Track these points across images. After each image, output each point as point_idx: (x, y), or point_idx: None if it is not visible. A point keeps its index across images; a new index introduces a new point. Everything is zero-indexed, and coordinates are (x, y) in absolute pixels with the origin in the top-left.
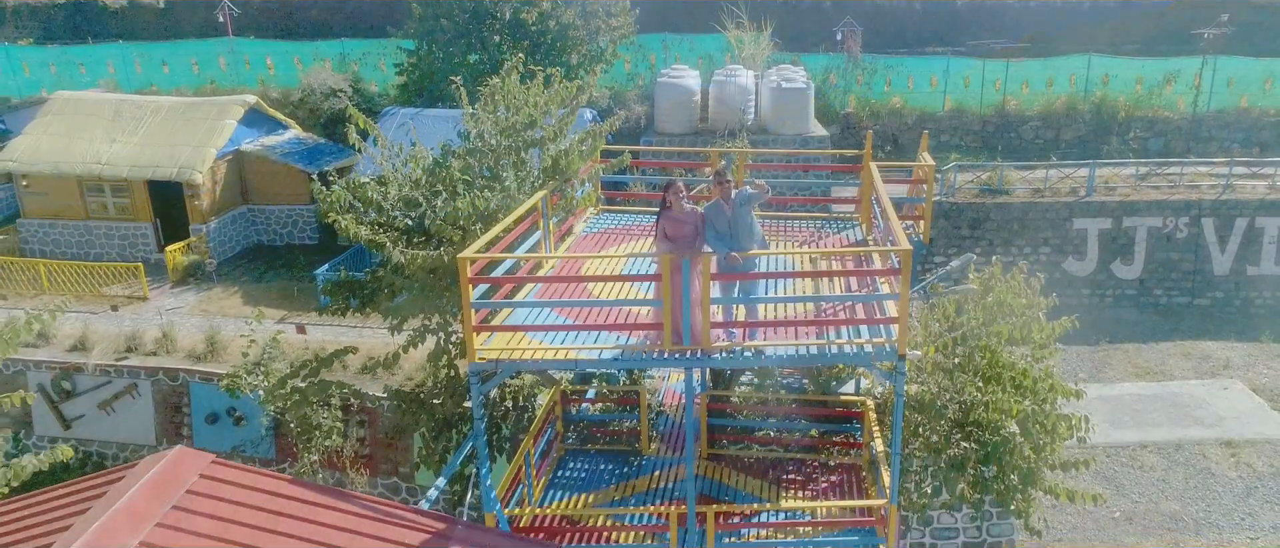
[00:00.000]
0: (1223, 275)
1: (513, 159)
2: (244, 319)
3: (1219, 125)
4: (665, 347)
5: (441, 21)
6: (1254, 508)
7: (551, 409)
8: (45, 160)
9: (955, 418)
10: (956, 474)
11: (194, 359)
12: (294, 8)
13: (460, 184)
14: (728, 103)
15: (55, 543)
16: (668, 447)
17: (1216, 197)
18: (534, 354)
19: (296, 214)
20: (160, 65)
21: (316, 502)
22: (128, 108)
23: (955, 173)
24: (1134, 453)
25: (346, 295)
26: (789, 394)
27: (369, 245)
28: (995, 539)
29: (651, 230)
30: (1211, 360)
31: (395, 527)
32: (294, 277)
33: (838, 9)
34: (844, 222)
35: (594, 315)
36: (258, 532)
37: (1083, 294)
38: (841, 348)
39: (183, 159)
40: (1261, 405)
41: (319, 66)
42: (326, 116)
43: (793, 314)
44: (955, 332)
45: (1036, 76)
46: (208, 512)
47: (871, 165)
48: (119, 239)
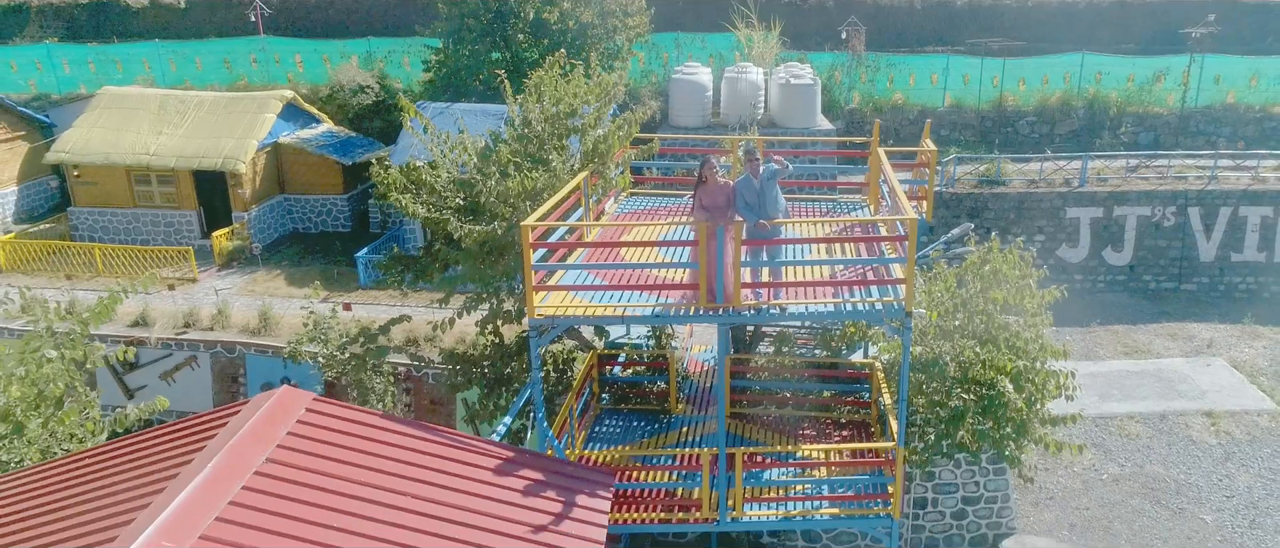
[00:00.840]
0: (1208, 262)
1: (554, 144)
2: (288, 298)
3: (1207, 120)
4: (701, 304)
5: (468, 21)
6: (1231, 471)
7: (588, 372)
8: (96, 152)
9: (955, 375)
10: (957, 425)
11: (249, 333)
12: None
13: (510, 166)
14: (739, 98)
15: (195, 458)
16: (693, 407)
17: (1202, 187)
18: (585, 312)
19: (330, 203)
20: (193, 62)
21: (406, 432)
22: (172, 102)
23: (955, 165)
24: (1121, 423)
25: (402, 270)
26: (804, 359)
27: (425, 222)
28: (991, 493)
29: (677, 211)
30: (1196, 341)
31: (475, 453)
32: (331, 261)
33: (841, 8)
34: (853, 203)
35: (636, 278)
36: (358, 453)
37: (1075, 279)
38: (856, 306)
39: (227, 151)
40: (1241, 380)
41: (346, 64)
42: (354, 112)
43: (813, 277)
44: (955, 298)
45: (1032, 74)
46: (316, 437)
47: (879, 151)
48: (164, 226)
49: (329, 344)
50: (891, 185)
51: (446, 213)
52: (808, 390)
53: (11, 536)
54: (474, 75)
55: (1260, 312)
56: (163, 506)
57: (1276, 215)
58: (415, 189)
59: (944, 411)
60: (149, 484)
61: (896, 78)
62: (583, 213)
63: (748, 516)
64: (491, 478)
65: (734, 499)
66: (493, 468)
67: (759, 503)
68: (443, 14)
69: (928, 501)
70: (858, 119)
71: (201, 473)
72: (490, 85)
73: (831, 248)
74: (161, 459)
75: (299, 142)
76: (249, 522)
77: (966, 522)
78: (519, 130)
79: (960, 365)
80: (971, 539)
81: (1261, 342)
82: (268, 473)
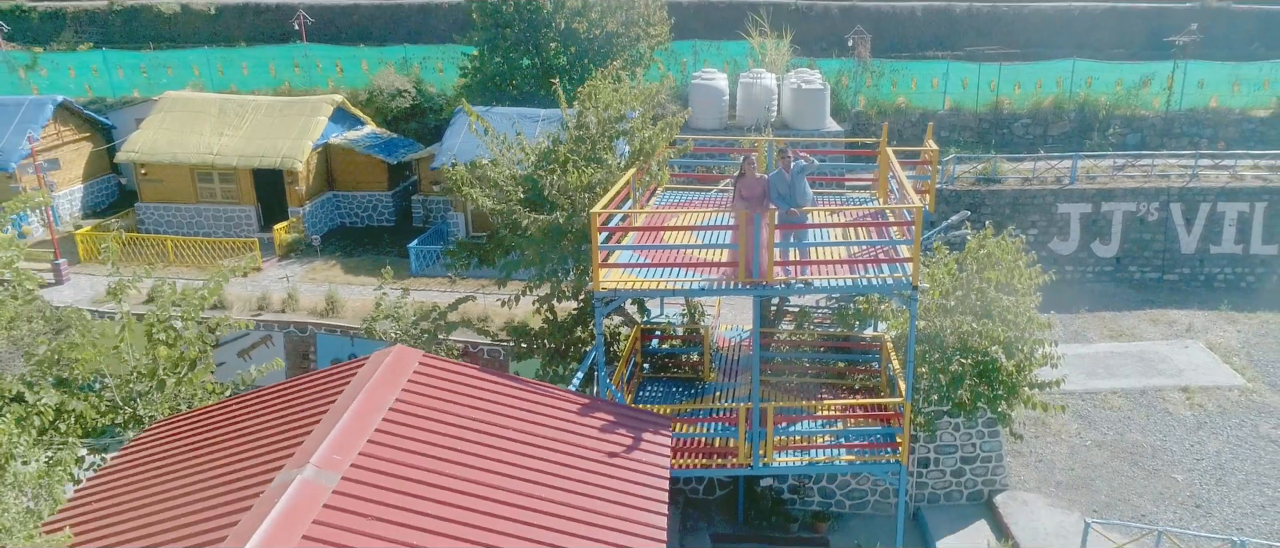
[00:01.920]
0: (1188, 254)
1: (604, 145)
2: (345, 284)
3: (1190, 122)
4: (740, 279)
5: (504, 31)
6: (1202, 438)
7: (633, 344)
8: (163, 152)
9: (955, 346)
10: (956, 386)
11: (317, 315)
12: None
13: (569, 164)
14: (754, 102)
15: (339, 399)
16: (724, 376)
17: (1184, 185)
18: (640, 286)
19: (376, 199)
20: (239, 67)
21: (499, 380)
22: (231, 106)
23: (954, 164)
24: (1105, 397)
25: (468, 256)
26: (822, 333)
27: (491, 212)
28: (986, 453)
29: (709, 203)
30: (1176, 325)
31: (556, 399)
32: (381, 251)
33: (845, 14)
34: (864, 197)
35: (682, 258)
36: (463, 395)
37: (1066, 270)
38: (870, 280)
39: (284, 151)
40: (1216, 360)
41: (384, 69)
42: (392, 114)
43: (834, 257)
44: (954, 279)
45: (1027, 79)
46: (429, 384)
47: (888, 150)
48: (225, 220)
49: (401, 321)
50: (899, 180)
51: (511, 204)
52: (825, 361)
53: (206, 455)
54: (507, 80)
55: (1236, 299)
56: (326, 431)
57: (1252, 211)
58: (480, 184)
59: (945, 376)
60: (308, 417)
61: (899, 82)
62: (631, 204)
63: (777, 461)
64: (573, 417)
65: (765, 448)
66: (574, 410)
67: (786, 451)
68: (477, 24)
69: (930, 460)
70: (863, 121)
71: (350, 408)
72: (522, 89)
73: (849, 232)
74: (311, 400)
75: (347, 142)
76: (390, 444)
77: (964, 479)
78: (576, 132)
79: (959, 337)
80: (969, 495)
81: (1236, 326)
82: (398, 409)
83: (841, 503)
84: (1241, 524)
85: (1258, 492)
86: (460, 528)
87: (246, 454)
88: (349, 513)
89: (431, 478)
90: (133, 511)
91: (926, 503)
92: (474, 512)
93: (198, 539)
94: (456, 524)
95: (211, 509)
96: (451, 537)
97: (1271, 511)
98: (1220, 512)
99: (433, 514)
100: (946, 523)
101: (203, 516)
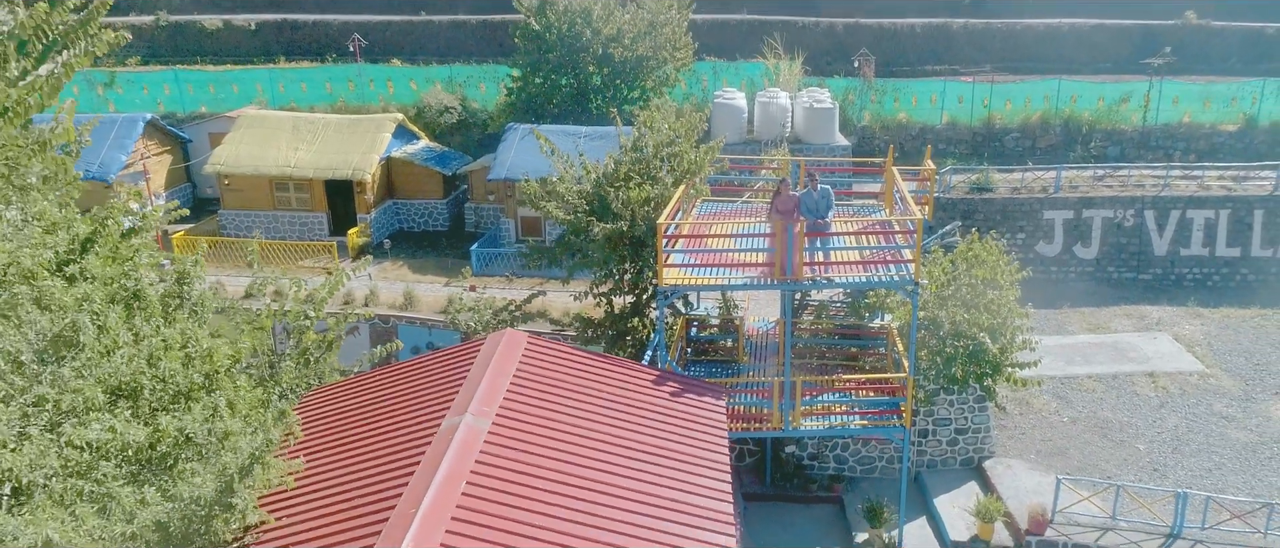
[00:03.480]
0: (1161, 256)
1: (657, 164)
2: (414, 282)
3: (1165, 136)
4: (775, 277)
5: (547, 55)
6: (1163, 415)
7: (681, 332)
8: (245, 164)
9: (949, 331)
10: (950, 364)
11: (396, 309)
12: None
13: (631, 181)
14: (770, 119)
15: (472, 370)
16: (754, 358)
17: (1156, 194)
18: (696, 281)
19: (432, 206)
20: (299, 86)
21: (588, 355)
22: (303, 123)
23: (950, 174)
24: (1081, 381)
25: (540, 257)
26: (838, 323)
27: (561, 222)
28: (976, 426)
29: (740, 213)
30: (1147, 320)
31: (635, 370)
32: (441, 253)
33: (850, 31)
34: (872, 207)
35: (729, 259)
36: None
37: (1051, 270)
38: (880, 278)
39: (354, 163)
40: (1181, 349)
41: (432, 89)
42: (440, 129)
43: (850, 258)
44: (948, 276)
45: (1017, 96)
46: (538, 359)
47: (893, 169)
48: (299, 225)
49: (481, 313)
50: (903, 194)
51: (579, 215)
52: (840, 345)
53: (379, 408)
54: (548, 99)
55: (1202, 296)
56: (473, 390)
57: (1217, 218)
58: (551, 198)
59: (941, 357)
60: (452, 381)
61: (901, 99)
62: (681, 215)
63: (803, 425)
64: (650, 384)
65: (794, 416)
66: (650, 378)
67: (811, 417)
68: (522, 48)
69: (928, 432)
70: (868, 135)
71: (484, 376)
72: (561, 107)
73: (862, 239)
74: (448, 371)
75: (407, 156)
76: (518, 400)
77: (958, 448)
78: (633, 154)
79: (953, 324)
80: (961, 461)
81: (1201, 321)
82: (519, 375)
83: (853, 468)
84: (1190, 484)
85: (1207, 458)
86: (576, 461)
87: (413, 407)
88: (500, 446)
89: (551, 425)
90: (333, 446)
91: (926, 468)
92: (584, 450)
93: (399, 460)
94: (573, 458)
95: (399, 443)
96: (570, 466)
97: (1217, 473)
98: (1174, 474)
99: (555, 451)
100: (942, 484)
101: (394, 447)
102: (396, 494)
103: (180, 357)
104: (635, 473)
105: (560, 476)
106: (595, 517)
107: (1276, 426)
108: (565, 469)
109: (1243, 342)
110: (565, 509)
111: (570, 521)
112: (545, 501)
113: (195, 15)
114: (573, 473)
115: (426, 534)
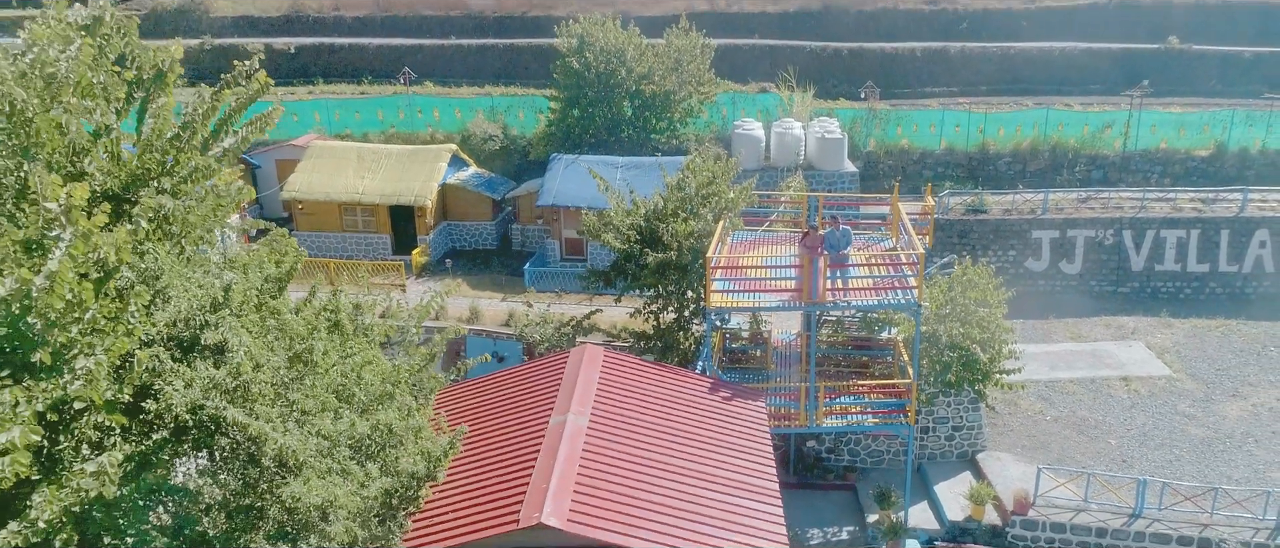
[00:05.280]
0: (1137, 271)
1: (699, 202)
2: (473, 297)
3: (1144, 161)
4: (803, 300)
5: (584, 91)
6: (1133, 415)
7: (719, 344)
8: (317, 191)
9: (946, 343)
10: (947, 371)
11: (464, 321)
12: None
13: (679, 216)
14: (785, 147)
15: (565, 377)
16: (781, 367)
17: (1134, 215)
18: (738, 303)
19: (482, 227)
20: (353, 114)
21: (652, 364)
22: (367, 153)
23: (948, 197)
24: (1063, 385)
25: (596, 279)
26: (851, 336)
27: (617, 250)
28: (970, 423)
29: (769, 241)
30: (1124, 329)
31: (692, 379)
32: (493, 271)
33: (855, 56)
34: (881, 236)
35: (764, 285)
36: (637, 373)
37: (1038, 284)
38: (889, 300)
39: (416, 190)
40: (1152, 356)
41: (476, 118)
42: (484, 154)
43: (864, 284)
44: (946, 296)
45: (1009, 124)
46: (614, 367)
47: (899, 204)
48: (364, 246)
49: (545, 327)
50: (907, 229)
51: (631, 244)
52: (854, 355)
53: (499, 403)
54: (585, 130)
55: (1174, 308)
56: (570, 393)
57: (1188, 237)
58: (607, 229)
59: (939, 365)
60: (549, 388)
61: (903, 127)
62: (720, 246)
63: (825, 423)
64: (705, 388)
65: (818, 415)
66: (705, 384)
67: (831, 416)
68: (561, 83)
69: (929, 428)
70: (873, 160)
71: (578, 381)
72: (595, 137)
73: (874, 268)
74: (544, 378)
75: (460, 182)
76: (604, 401)
77: (954, 442)
78: (678, 194)
79: (949, 337)
80: (958, 454)
81: (1171, 330)
82: (603, 383)
83: (865, 460)
84: (1153, 473)
85: (1168, 452)
86: (655, 447)
87: (524, 406)
88: (597, 437)
89: (632, 420)
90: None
91: (927, 460)
92: (660, 440)
93: (524, 448)
94: (652, 446)
95: (521, 435)
96: (651, 451)
97: (1176, 464)
98: (1139, 465)
99: (638, 440)
100: (941, 474)
101: (517, 438)
102: (526, 474)
103: (374, 370)
104: (701, 457)
105: (644, 459)
106: (675, 490)
107: (1229, 423)
108: (647, 454)
109: (1207, 349)
110: (651, 484)
111: (656, 492)
112: (636, 478)
113: (236, 39)
114: (653, 457)
115: (559, 502)
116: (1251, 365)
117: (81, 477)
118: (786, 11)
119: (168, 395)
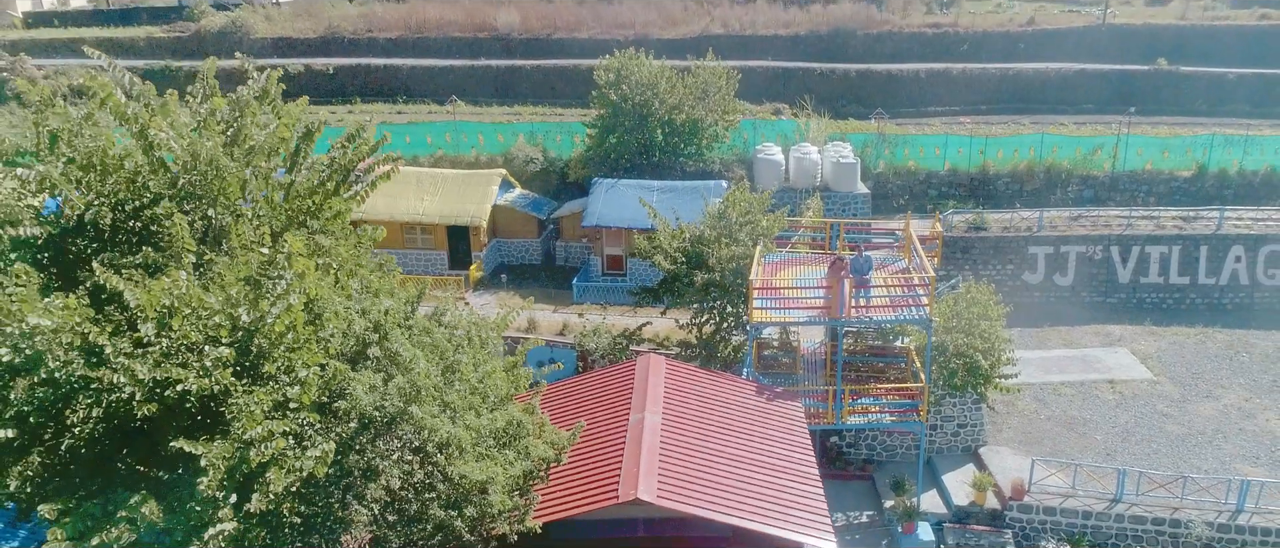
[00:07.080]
0: (1124, 284)
1: (738, 227)
2: (527, 309)
3: (1132, 182)
4: (831, 315)
5: (621, 120)
6: (1118, 413)
7: (756, 352)
8: (381, 212)
9: (953, 352)
10: (953, 376)
11: (522, 331)
12: (435, 73)
13: (721, 242)
14: (803, 171)
15: (635, 382)
16: (808, 372)
17: (1121, 232)
18: (774, 318)
19: (528, 244)
20: (403, 137)
21: (705, 370)
22: (425, 178)
23: (952, 216)
24: (1056, 387)
25: (646, 295)
26: (869, 345)
27: (665, 270)
28: (973, 421)
29: (799, 261)
30: (1111, 337)
31: (738, 383)
32: (542, 284)
33: (862, 77)
34: (895, 257)
35: (797, 303)
36: (694, 378)
37: (1034, 296)
38: (905, 316)
39: (472, 211)
40: (1136, 361)
41: (517, 141)
42: (526, 176)
43: (883, 302)
44: (952, 311)
45: (1007, 147)
46: (675, 372)
47: (911, 230)
48: (423, 262)
49: (600, 336)
50: (919, 253)
51: (679, 265)
52: (872, 362)
53: (581, 404)
54: (620, 155)
55: (1157, 318)
56: (643, 395)
57: (1170, 252)
58: (655, 251)
59: (946, 371)
60: (623, 391)
61: (910, 150)
62: (758, 267)
63: (849, 420)
64: (750, 391)
65: (843, 414)
66: (752, 388)
67: (853, 415)
68: (599, 112)
69: (938, 426)
70: (883, 181)
71: (647, 386)
72: (630, 161)
73: (891, 288)
74: (617, 383)
75: (509, 203)
76: (671, 401)
77: (959, 438)
78: (719, 222)
79: (955, 347)
80: (962, 448)
81: (1155, 337)
82: (668, 386)
83: (881, 453)
84: (1132, 464)
85: (1147, 446)
86: (717, 439)
87: (605, 406)
88: (670, 431)
89: (695, 417)
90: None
91: (935, 453)
92: (720, 433)
93: (611, 440)
94: (715, 438)
95: (606, 430)
96: (714, 443)
97: (1154, 457)
98: (1122, 457)
99: (703, 433)
100: (948, 465)
101: (603, 432)
102: (617, 460)
103: (501, 376)
104: (754, 447)
105: (708, 448)
106: (735, 473)
107: (1202, 421)
108: (710, 445)
109: (1186, 355)
110: (716, 468)
111: (720, 474)
112: (704, 463)
113: (275, 59)
114: (715, 447)
115: (647, 485)
116: (1224, 369)
117: (304, 459)
118: (797, 35)
119: (356, 397)
